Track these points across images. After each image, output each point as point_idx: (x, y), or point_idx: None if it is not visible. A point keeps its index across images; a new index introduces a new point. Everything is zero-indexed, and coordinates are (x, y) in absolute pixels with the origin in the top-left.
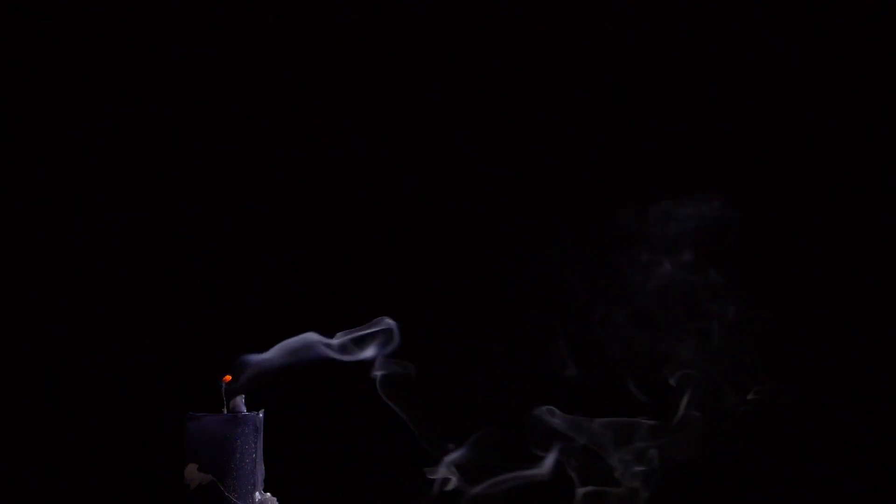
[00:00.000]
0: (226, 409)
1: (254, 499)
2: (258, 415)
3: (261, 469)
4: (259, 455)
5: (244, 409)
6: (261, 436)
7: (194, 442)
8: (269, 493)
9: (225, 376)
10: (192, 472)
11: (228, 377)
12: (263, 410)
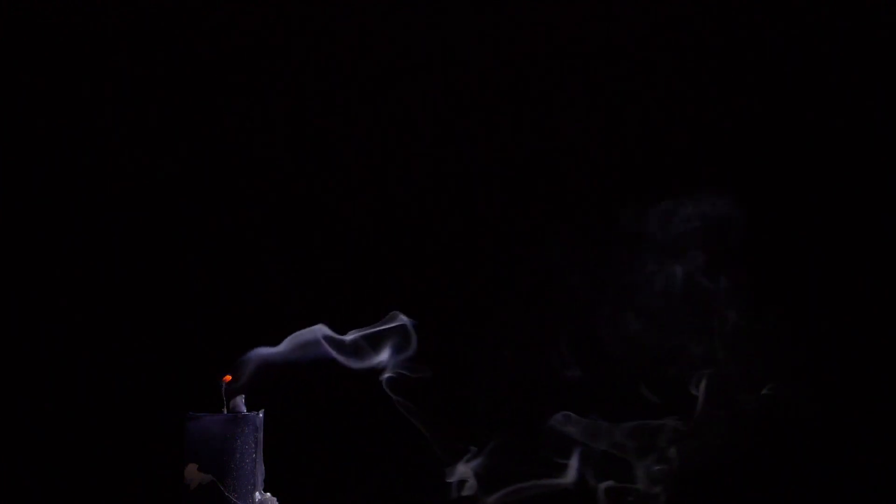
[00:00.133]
0: (226, 409)
1: (254, 499)
2: (258, 415)
3: (261, 469)
4: (259, 455)
5: (244, 409)
6: (261, 436)
7: (194, 442)
8: (269, 493)
9: (225, 376)
10: (192, 472)
11: (228, 377)
12: (263, 410)
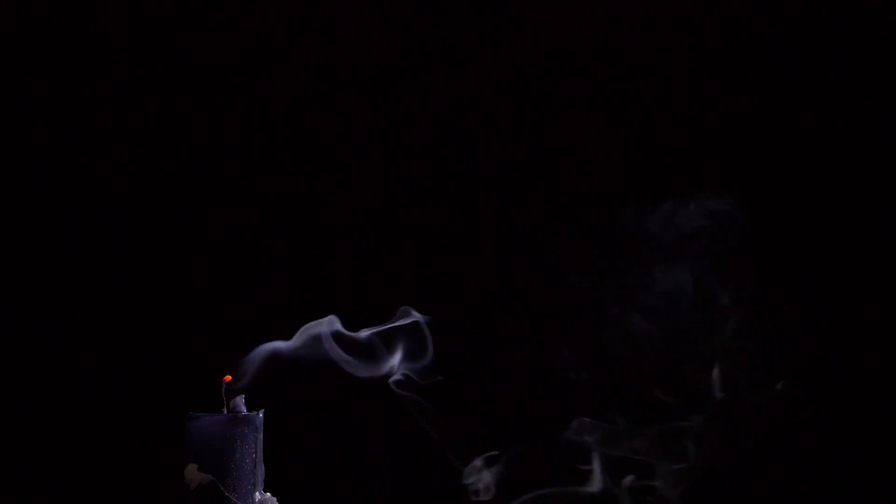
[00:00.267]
0: (226, 409)
1: (254, 499)
2: (258, 415)
3: (261, 469)
4: (259, 455)
5: (244, 409)
6: (261, 436)
7: (194, 442)
8: (269, 493)
9: (225, 376)
10: (192, 472)
11: (228, 377)
12: (263, 410)
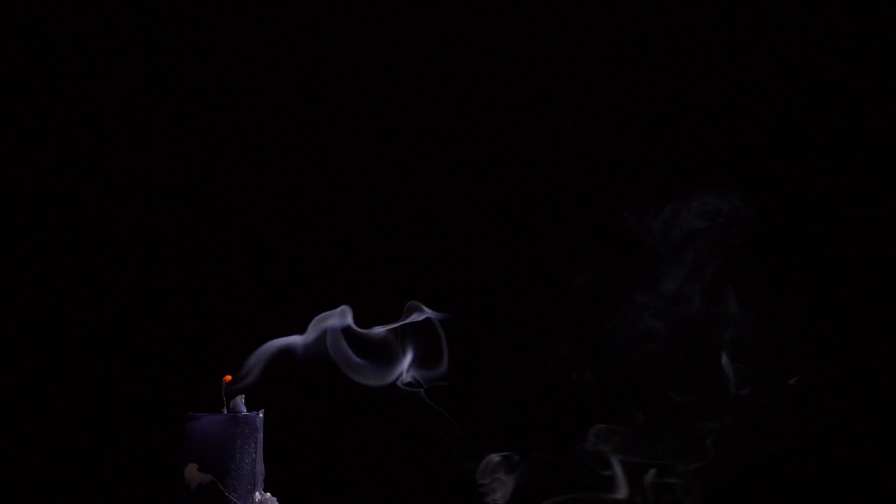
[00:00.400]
0: (226, 409)
1: (254, 499)
2: (258, 415)
3: (261, 469)
4: (259, 455)
5: (244, 409)
6: (261, 436)
7: (194, 442)
8: (269, 493)
9: (225, 376)
10: (192, 472)
11: (228, 377)
12: (263, 410)
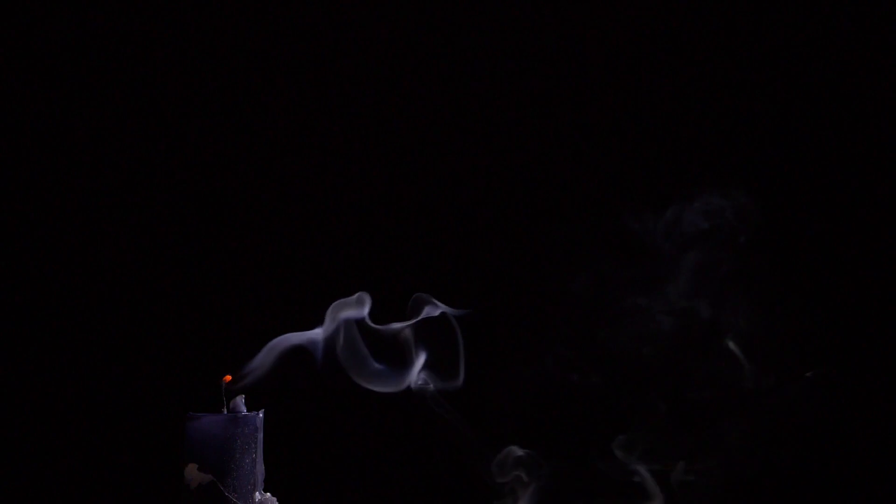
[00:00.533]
0: (226, 409)
1: (254, 499)
2: (258, 415)
3: (261, 469)
4: (259, 455)
5: (244, 409)
6: (261, 436)
7: (194, 442)
8: (269, 493)
9: (225, 376)
10: (192, 472)
11: (228, 377)
12: (263, 410)
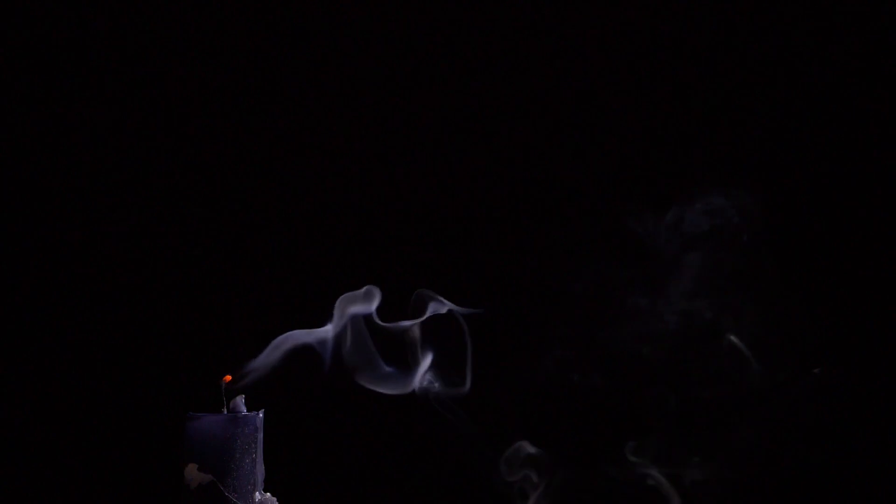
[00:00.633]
0: (226, 409)
1: (254, 499)
2: (258, 415)
3: (261, 469)
4: (259, 455)
5: (244, 409)
6: (261, 436)
7: (194, 442)
8: (269, 493)
9: (225, 376)
10: (192, 472)
11: (228, 377)
12: (263, 410)
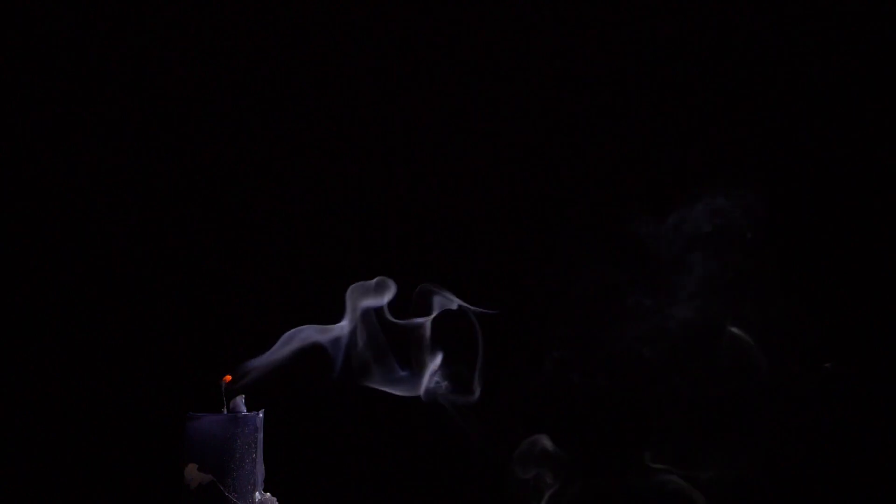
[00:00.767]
0: (226, 409)
1: (254, 499)
2: (258, 415)
3: (261, 469)
4: (259, 455)
5: (244, 409)
6: (261, 436)
7: (194, 442)
8: (269, 493)
9: (225, 376)
10: (192, 472)
11: (228, 377)
12: (263, 410)
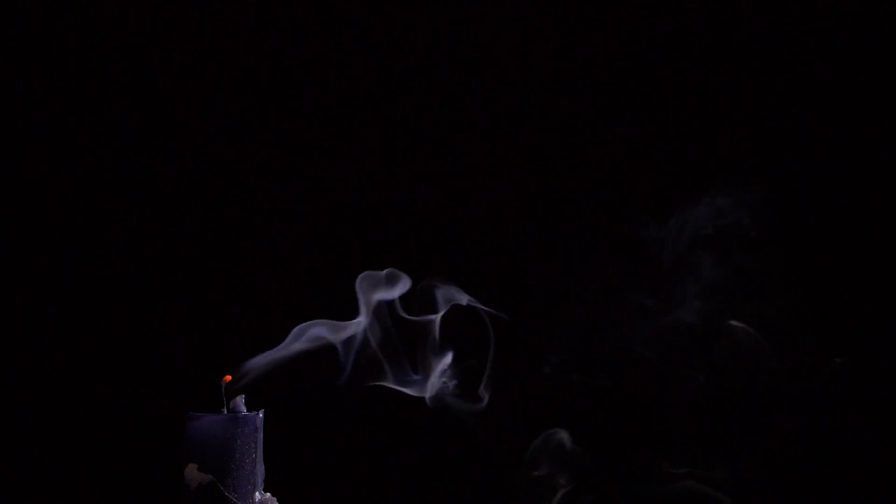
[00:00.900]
0: (226, 409)
1: (254, 499)
2: (258, 415)
3: (261, 469)
4: (259, 455)
5: (244, 409)
6: (261, 436)
7: (194, 442)
8: (269, 493)
9: (225, 376)
10: (192, 472)
11: (228, 377)
12: (263, 410)
